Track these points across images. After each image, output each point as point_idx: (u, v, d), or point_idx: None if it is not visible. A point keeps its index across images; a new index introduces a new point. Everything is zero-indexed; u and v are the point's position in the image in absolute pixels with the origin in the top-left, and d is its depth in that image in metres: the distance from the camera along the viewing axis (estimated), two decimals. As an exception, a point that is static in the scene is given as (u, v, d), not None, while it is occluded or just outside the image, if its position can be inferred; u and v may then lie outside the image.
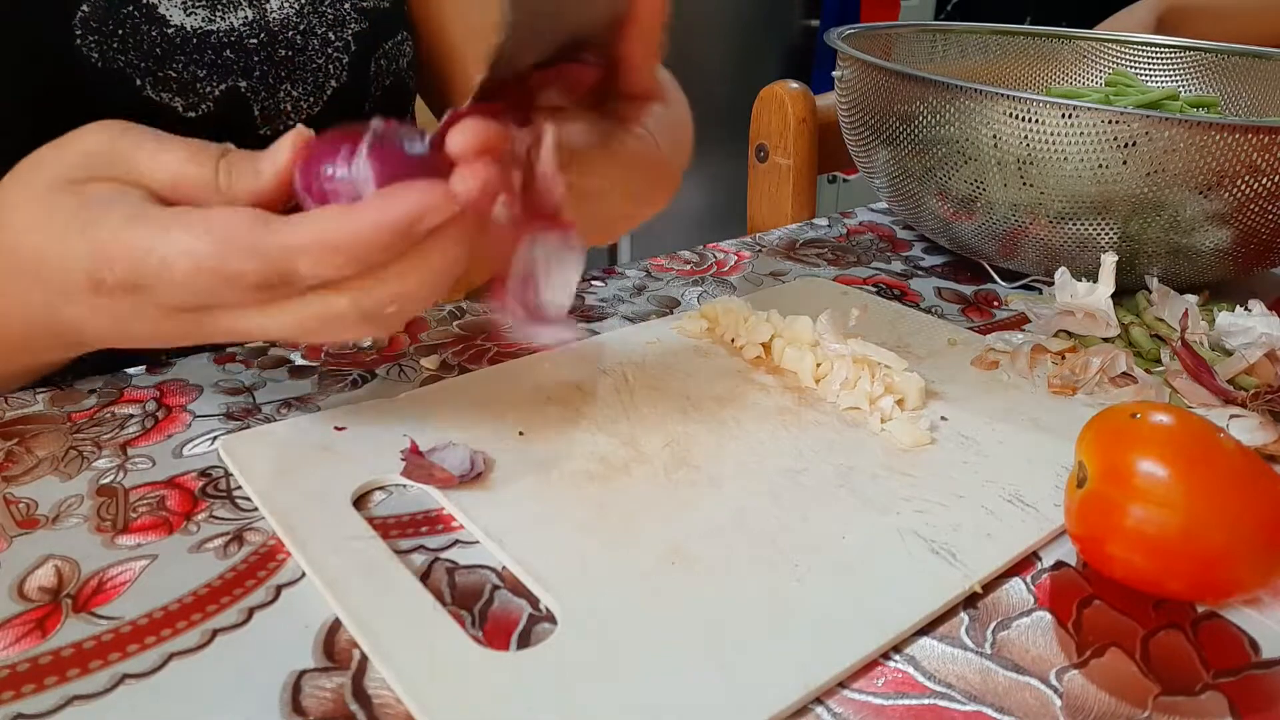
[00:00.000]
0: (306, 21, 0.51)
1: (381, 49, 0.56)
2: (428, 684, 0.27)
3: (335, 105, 0.54)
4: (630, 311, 0.55)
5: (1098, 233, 0.54)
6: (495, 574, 0.33)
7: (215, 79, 0.48)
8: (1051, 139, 0.52)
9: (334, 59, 0.53)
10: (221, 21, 0.48)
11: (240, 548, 0.33)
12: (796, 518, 0.35)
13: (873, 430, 0.41)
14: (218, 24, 0.48)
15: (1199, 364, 0.44)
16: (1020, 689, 0.29)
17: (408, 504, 0.36)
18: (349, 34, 0.54)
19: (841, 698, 0.28)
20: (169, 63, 0.47)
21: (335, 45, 0.53)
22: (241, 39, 0.49)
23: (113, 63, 0.45)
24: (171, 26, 0.47)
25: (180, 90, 0.47)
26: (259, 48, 0.49)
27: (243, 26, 0.49)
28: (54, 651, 0.28)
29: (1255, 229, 0.53)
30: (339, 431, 0.39)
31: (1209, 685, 0.29)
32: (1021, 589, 0.33)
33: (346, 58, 0.54)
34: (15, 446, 0.39)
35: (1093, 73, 0.82)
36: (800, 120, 0.85)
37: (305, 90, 0.52)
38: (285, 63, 0.51)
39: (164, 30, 0.46)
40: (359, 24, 0.54)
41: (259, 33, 0.49)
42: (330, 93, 0.54)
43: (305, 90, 0.52)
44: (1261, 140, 0.49)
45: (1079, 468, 0.32)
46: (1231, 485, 0.30)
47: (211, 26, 0.48)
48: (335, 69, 0.53)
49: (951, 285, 0.61)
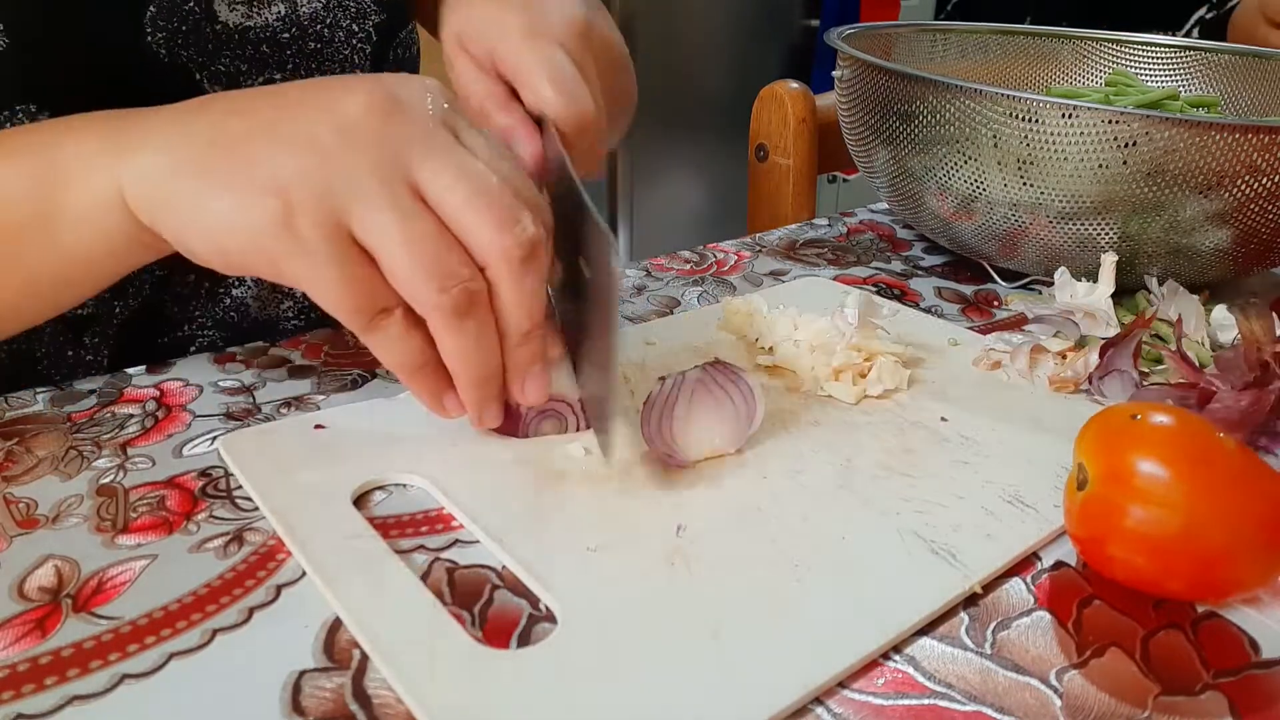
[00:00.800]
0: (332, 15, 0.54)
1: (398, 38, 0.59)
2: (428, 684, 0.27)
3: None
4: (630, 311, 0.55)
5: (1098, 233, 0.54)
6: (495, 574, 0.33)
7: (255, 71, 0.51)
8: (1051, 139, 0.52)
9: (358, 50, 0.56)
10: (258, 17, 0.51)
11: (240, 548, 0.33)
12: (796, 518, 0.35)
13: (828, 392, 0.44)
14: (255, 20, 0.51)
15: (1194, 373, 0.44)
16: (1020, 689, 0.29)
17: (408, 504, 0.36)
18: (370, 25, 0.56)
19: (841, 698, 0.28)
20: (219, 57, 0.50)
21: (359, 36, 0.56)
22: (275, 34, 0.52)
23: (176, 57, 0.48)
24: (220, 22, 0.49)
25: (228, 83, 0.50)
26: (291, 41, 0.52)
27: (276, 21, 0.51)
28: (54, 651, 0.28)
29: (1255, 229, 0.53)
30: (319, 430, 0.39)
31: (1209, 685, 0.29)
32: (1021, 589, 0.33)
33: (369, 48, 0.56)
34: (15, 446, 0.39)
35: (1093, 73, 0.82)
36: (800, 120, 0.85)
37: None
38: (315, 55, 0.54)
39: (214, 26, 0.49)
40: (378, 15, 0.57)
41: (290, 27, 0.52)
42: None
43: None
44: (1261, 140, 0.49)
45: (1079, 469, 0.32)
46: (1231, 485, 0.30)
47: (250, 22, 0.50)
48: (359, 59, 0.56)
49: (951, 285, 0.61)
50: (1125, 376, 0.44)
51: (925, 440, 0.41)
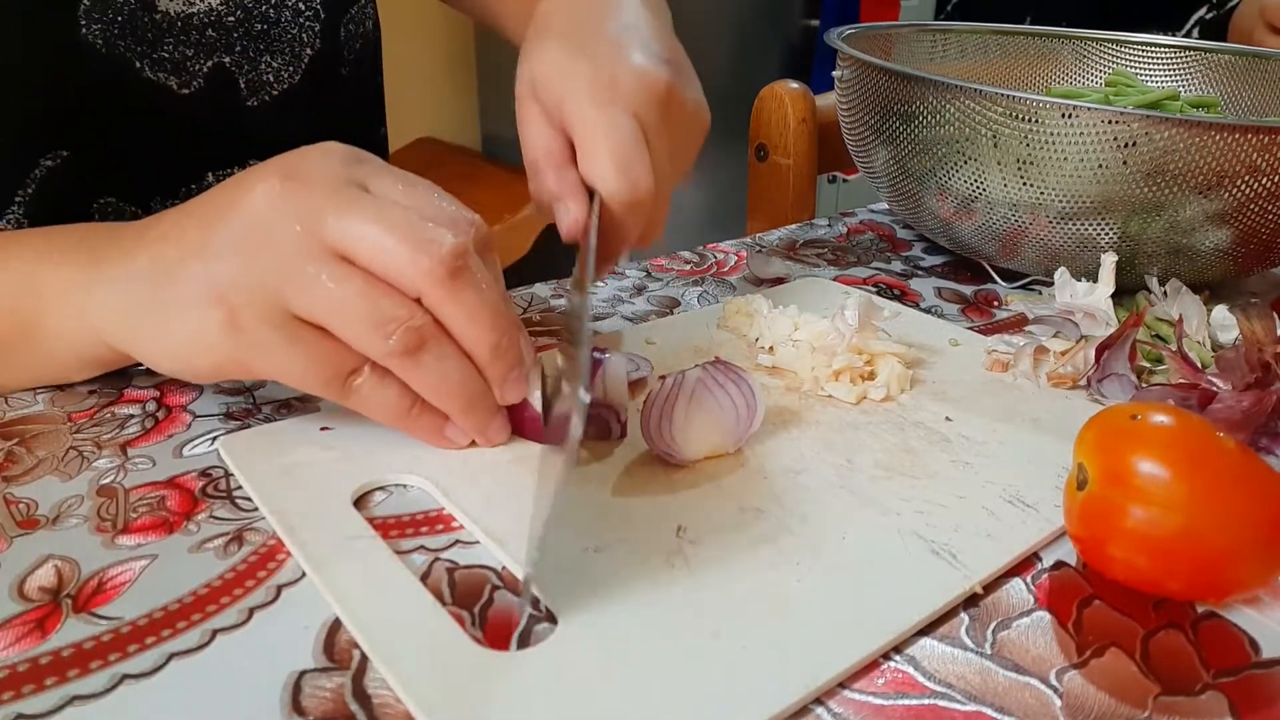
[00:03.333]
0: None
1: (348, 14, 0.59)
2: (428, 684, 0.27)
3: (313, 72, 0.57)
4: (630, 311, 0.55)
5: (1098, 233, 0.54)
6: (495, 574, 0.33)
7: (202, 57, 0.52)
8: (1051, 139, 0.52)
9: (306, 28, 0.56)
10: (200, 3, 0.51)
11: (240, 548, 0.33)
12: (796, 518, 0.35)
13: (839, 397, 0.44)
14: (197, 6, 0.51)
15: (1195, 374, 0.44)
16: (1020, 689, 0.29)
17: (408, 504, 0.36)
18: (317, 3, 0.56)
19: (841, 698, 0.28)
20: (161, 44, 0.50)
21: (306, 15, 0.56)
22: (220, 17, 0.52)
23: (115, 47, 0.48)
24: (159, 11, 0.49)
25: (174, 70, 0.51)
26: (236, 24, 0.53)
27: (220, 5, 0.52)
28: (54, 651, 0.28)
29: (1255, 229, 0.53)
30: (325, 431, 0.39)
31: (1209, 685, 0.29)
32: (1021, 589, 0.33)
33: (318, 25, 0.56)
34: (15, 446, 0.39)
35: (1093, 73, 0.82)
36: (800, 120, 0.85)
37: (284, 60, 0.56)
38: (262, 36, 0.54)
39: (153, 15, 0.49)
40: None
41: (235, 10, 0.52)
42: (307, 61, 0.57)
43: (284, 60, 0.56)
44: (1261, 140, 0.49)
45: (1079, 469, 0.32)
46: (1232, 486, 0.30)
47: (191, 9, 0.51)
48: (309, 37, 0.56)
49: (951, 285, 0.61)
50: (1124, 379, 0.44)
51: (925, 440, 0.41)
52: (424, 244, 0.34)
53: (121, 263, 0.38)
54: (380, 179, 0.36)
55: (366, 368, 0.36)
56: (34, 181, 0.49)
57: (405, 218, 0.34)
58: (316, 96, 0.58)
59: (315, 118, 0.58)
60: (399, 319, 0.34)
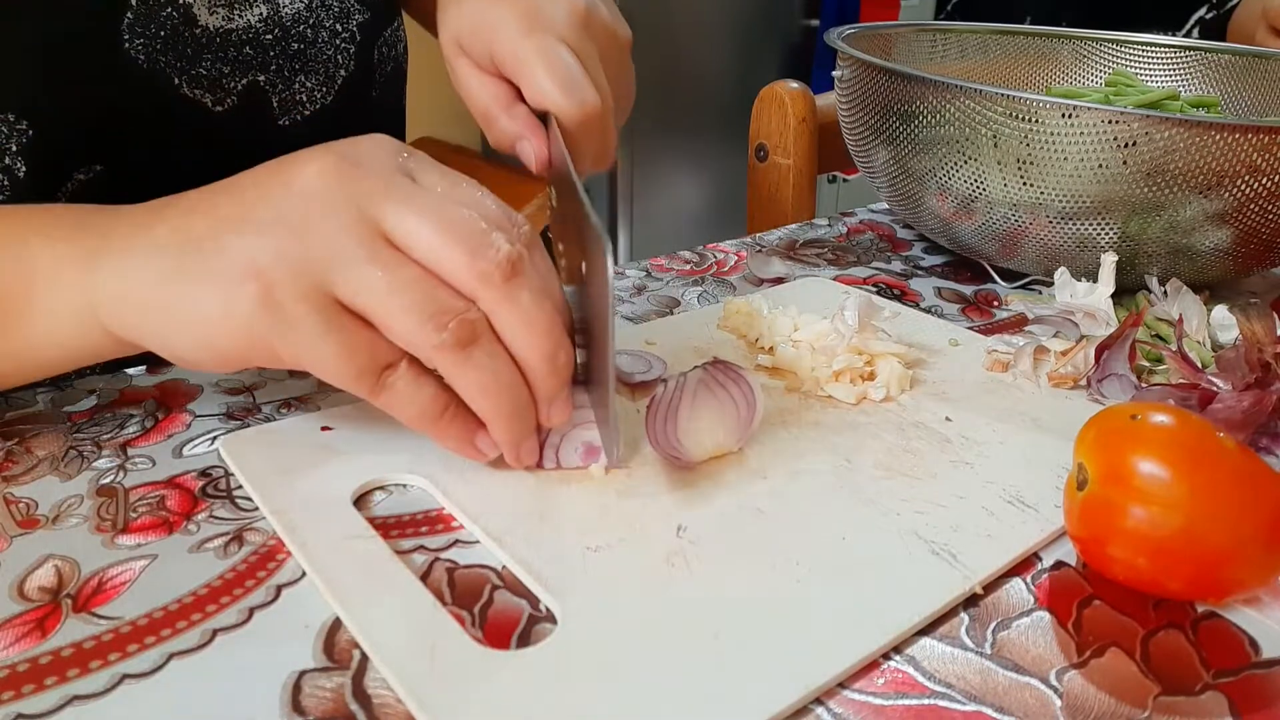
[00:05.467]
0: (315, 15, 0.54)
1: (382, 37, 0.59)
2: (428, 684, 0.27)
3: (345, 94, 0.57)
4: (630, 311, 0.55)
5: (1098, 233, 0.54)
6: (495, 574, 0.33)
7: (238, 74, 0.51)
8: (1051, 139, 0.52)
9: (342, 49, 0.56)
10: (239, 19, 0.51)
11: (240, 547, 0.33)
12: (796, 518, 0.35)
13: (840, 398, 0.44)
14: (236, 21, 0.51)
15: (1195, 373, 0.44)
16: (1020, 689, 0.29)
17: (408, 504, 0.36)
18: (354, 25, 0.56)
19: (841, 698, 0.28)
20: (199, 61, 0.50)
21: (342, 36, 0.56)
22: (258, 35, 0.52)
23: (155, 63, 0.48)
24: (199, 26, 0.49)
25: (209, 87, 0.51)
26: (274, 43, 0.52)
27: (258, 23, 0.52)
28: (54, 651, 0.28)
29: (1255, 229, 0.53)
30: (326, 431, 0.39)
31: (1209, 685, 0.29)
32: (1021, 589, 0.33)
33: (353, 48, 0.56)
34: (15, 446, 0.39)
35: (1093, 73, 0.82)
36: (800, 120, 0.85)
37: (318, 81, 0.56)
38: (298, 56, 0.54)
39: (194, 30, 0.49)
40: (361, 14, 0.57)
41: (273, 28, 0.52)
42: (340, 82, 0.57)
43: (318, 81, 0.56)
44: (1261, 140, 0.49)
45: (1079, 469, 0.32)
46: (1232, 485, 0.30)
47: (230, 25, 0.50)
48: (344, 59, 0.56)
49: (951, 285, 0.61)
50: (1124, 380, 0.44)
51: (925, 440, 0.41)
52: (481, 246, 0.33)
53: (133, 235, 0.35)
54: (428, 173, 0.36)
55: (404, 363, 0.34)
56: (65, 195, 0.48)
57: (464, 216, 0.33)
58: (345, 117, 0.58)
59: (342, 138, 0.59)
60: (454, 310, 0.33)
